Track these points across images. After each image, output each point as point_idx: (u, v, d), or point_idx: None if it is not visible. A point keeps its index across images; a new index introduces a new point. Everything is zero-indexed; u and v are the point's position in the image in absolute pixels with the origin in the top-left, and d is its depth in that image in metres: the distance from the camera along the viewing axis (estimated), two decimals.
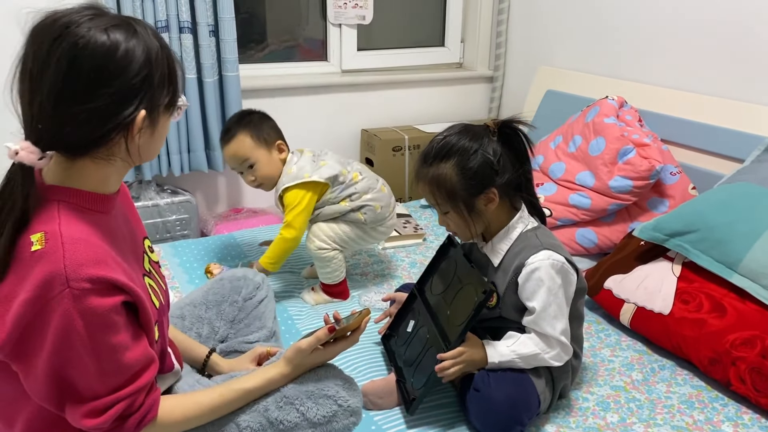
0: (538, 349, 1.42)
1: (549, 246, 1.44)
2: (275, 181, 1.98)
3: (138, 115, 0.96)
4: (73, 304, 0.91)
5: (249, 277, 1.61)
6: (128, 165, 1.06)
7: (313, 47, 3.12)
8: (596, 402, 1.57)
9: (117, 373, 0.99)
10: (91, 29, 0.93)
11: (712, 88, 2.28)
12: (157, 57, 0.98)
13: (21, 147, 0.92)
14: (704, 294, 1.70)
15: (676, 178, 2.16)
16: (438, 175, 1.42)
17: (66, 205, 0.98)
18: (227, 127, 1.98)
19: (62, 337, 0.92)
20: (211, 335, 1.55)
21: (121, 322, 0.98)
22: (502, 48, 3.24)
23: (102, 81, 0.93)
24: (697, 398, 1.59)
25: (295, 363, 1.19)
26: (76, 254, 0.92)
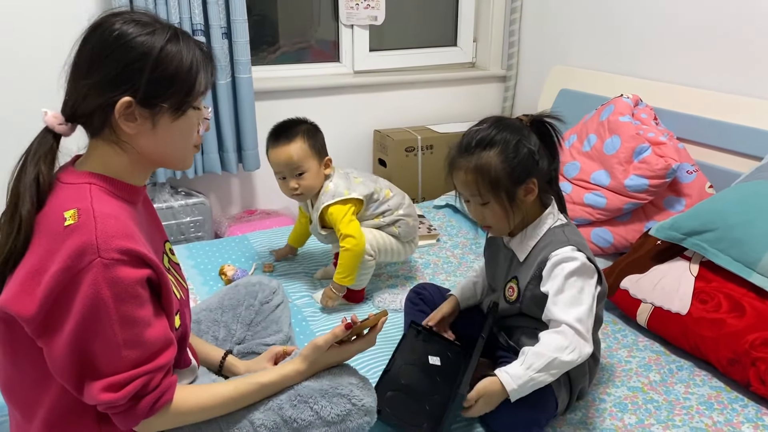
0: (552, 354, 1.33)
1: (575, 243, 1.43)
2: (314, 194, 1.99)
3: (120, 99, 1.02)
4: (103, 273, 0.95)
5: (264, 283, 1.62)
6: (144, 161, 1.11)
7: (325, 48, 3.12)
8: (613, 403, 1.56)
9: (138, 347, 1.01)
10: (114, 19, 1.04)
11: (729, 85, 2.25)
12: (164, 57, 1.04)
13: (51, 112, 1.06)
14: (723, 294, 1.68)
15: (693, 176, 2.14)
16: (482, 164, 1.40)
17: (97, 188, 1.05)
18: (283, 128, 1.94)
19: (89, 307, 0.95)
20: (227, 338, 1.55)
21: (145, 296, 1.02)
22: (515, 47, 3.22)
23: (99, 61, 1.02)
24: (716, 399, 1.57)
25: (311, 360, 1.19)
26: (107, 227, 0.97)
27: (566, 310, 1.37)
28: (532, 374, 1.34)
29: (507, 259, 1.55)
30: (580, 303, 1.38)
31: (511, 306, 1.52)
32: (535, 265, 1.45)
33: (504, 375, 1.35)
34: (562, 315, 1.37)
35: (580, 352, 1.35)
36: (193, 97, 1.09)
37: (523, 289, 1.48)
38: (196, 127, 1.14)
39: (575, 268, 1.39)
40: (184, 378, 1.26)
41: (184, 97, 1.07)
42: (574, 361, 1.36)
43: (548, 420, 1.44)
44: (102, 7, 2.40)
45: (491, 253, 1.64)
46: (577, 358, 1.35)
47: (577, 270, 1.39)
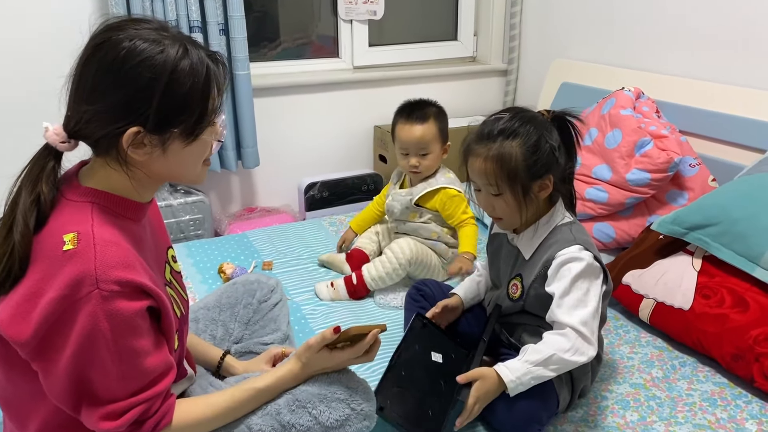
0: (552, 350, 1.33)
1: (582, 242, 1.41)
2: (429, 173, 2.06)
3: (127, 131, 0.97)
4: (101, 306, 0.92)
5: (262, 281, 1.61)
6: (153, 180, 1.07)
7: (326, 44, 3.10)
8: (615, 400, 1.54)
9: (137, 377, 1.00)
10: (119, 36, 0.96)
11: (731, 76, 2.22)
12: (174, 82, 0.97)
13: (53, 128, 1.01)
14: (726, 288, 1.66)
15: (696, 170, 2.11)
16: (503, 153, 1.37)
17: (99, 207, 1.01)
18: (417, 107, 2.02)
19: (87, 338, 0.93)
20: (225, 337, 1.54)
21: (144, 326, 1.00)
22: (516, 41, 3.20)
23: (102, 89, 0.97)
24: (719, 395, 1.55)
25: (304, 360, 1.18)
26: (106, 256, 0.94)
27: (570, 313, 1.36)
28: (530, 367, 1.33)
29: (511, 256, 1.54)
30: (585, 305, 1.36)
31: (514, 303, 1.51)
32: (541, 264, 1.43)
33: (502, 368, 1.34)
34: (566, 318, 1.35)
35: (582, 354, 1.34)
36: (206, 119, 1.03)
37: (528, 287, 1.46)
38: (210, 145, 1.08)
39: (582, 270, 1.37)
40: (180, 386, 1.25)
41: (198, 120, 1.01)
42: (577, 361, 1.34)
43: (549, 418, 1.42)
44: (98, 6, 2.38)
45: (494, 250, 1.62)
46: (579, 359, 1.34)
47: (584, 271, 1.37)
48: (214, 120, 1.06)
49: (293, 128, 2.92)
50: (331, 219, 2.66)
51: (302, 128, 2.95)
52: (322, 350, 1.18)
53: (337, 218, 2.66)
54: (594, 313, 1.36)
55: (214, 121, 1.07)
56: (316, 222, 2.63)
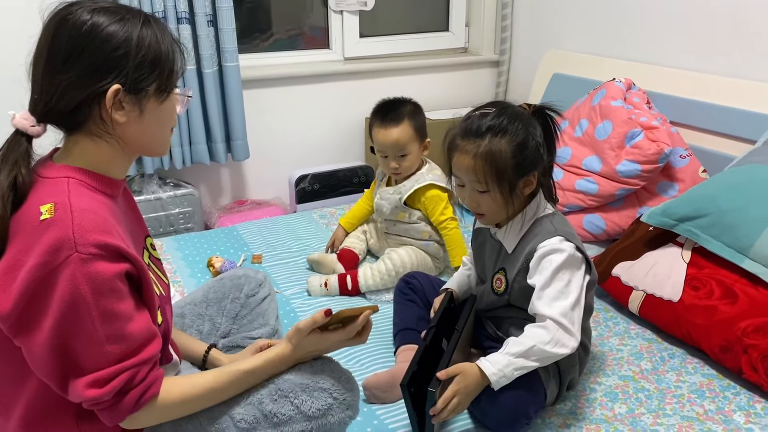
0: (532, 342, 1.32)
1: (563, 233, 1.41)
2: (409, 174, 2.03)
3: (110, 88, 0.99)
4: (80, 268, 0.93)
5: (250, 275, 1.60)
6: (127, 151, 1.09)
7: (318, 35, 3.08)
8: (604, 392, 1.54)
9: (120, 341, 0.99)
10: (80, 10, 1.00)
11: (722, 67, 2.21)
12: (143, 41, 1.02)
13: (20, 114, 1.02)
14: (715, 280, 1.65)
15: (686, 161, 2.11)
16: (492, 151, 1.36)
17: (75, 182, 1.02)
18: (390, 108, 1.99)
19: (68, 303, 0.94)
20: (212, 331, 1.53)
21: (125, 290, 1.00)
22: (508, 32, 3.18)
23: (77, 54, 0.99)
24: (708, 387, 1.55)
25: (293, 343, 1.17)
26: (84, 221, 0.95)
27: (550, 304, 1.35)
28: (512, 359, 1.32)
29: (494, 251, 1.53)
30: (565, 296, 1.36)
31: (499, 297, 1.50)
32: (523, 257, 1.42)
33: (483, 362, 1.33)
34: (545, 309, 1.35)
35: (564, 345, 1.34)
36: (174, 76, 1.08)
37: (511, 280, 1.45)
38: (175, 107, 1.13)
39: (563, 261, 1.36)
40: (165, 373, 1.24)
41: (168, 77, 1.06)
42: (558, 353, 1.34)
43: (537, 411, 1.42)
44: None
45: (478, 245, 1.61)
46: (561, 351, 1.34)
47: (565, 262, 1.37)
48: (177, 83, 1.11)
49: (283, 120, 2.90)
50: (322, 211, 2.64)
51: (292, 120, 2.93)
52: (312, 333, 1.16)
53: (328, 211, 2.65)
54: (574, 304, 1.36)
55: (177, 85, 1.11)
56: (307, 215, 2.62)
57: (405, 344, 1.65)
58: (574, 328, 1.35)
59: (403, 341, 1.66)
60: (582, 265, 1.41)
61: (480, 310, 1.60)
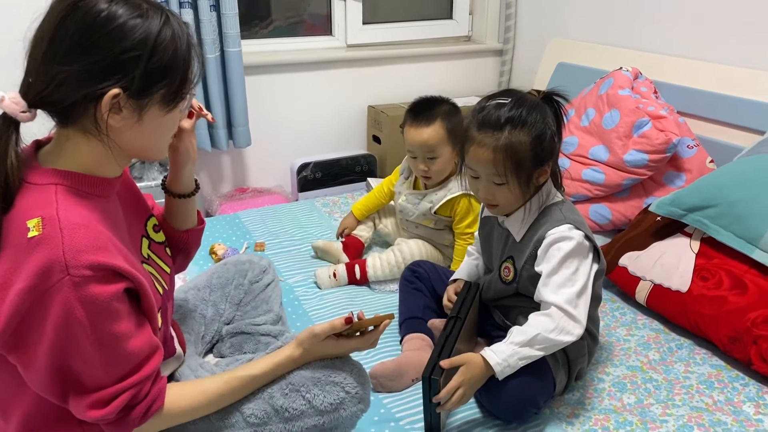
0: (537, 330, 1.31)
1: (572, 221, 1.39)
2: (441, 179, 1.94)
3: (109, 91, 0.91)
4: (74, 293, 0.87)
5: (254, 261, 1.58)
6: (123, 153, 1.01)
7: (318, 23, 3.04)
8: (612, 383, 1.53)
9: (121, 362, 0.96)
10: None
11: (731, 56, 2.19)
12: (160, 45, 0.94)
13: (9, 96, 0.91)
14: (724, 271, 1.64)
15: (693, 151, 2.09)
16: (512, 143, 1.32)
17: (63, 188, 0.95)
18: (423, 107, 1.89)
19: (63, 328, 0.89)
20: (215, 317, 1.52)
21: (123, 309, 0.95)
22: (512, 20, 3.15)
23: (84, 46, 0.90)
24: (716, 378, 1.54)
25: (306, 347, 1.14)
26: (75, 240, 0.88)
27: (556, 291, 1.34)
28: (516, 348, 1.31)
29: (502, 239, 1.51)
30: (572, 283, 1.34)
31: (507, 286, 1.48)
32: (531, 245, 1.41)
33: (488, 352, 1.32)
34: (551, 296, 1.34)
35: (568, 333, 1.32)
36: (186, 86, 1.00)
37: (520, 269, 1.44)
38: (180, 116, 1.05)
39: (571, 249, 1.35)
40: (168, 367, 1.23)
41: (178, 87, 0.98)
42: (563, 341, 1.32)
43: (546, 400, 1.41)
44: None
45: (485, 234, 1.59)
46: (565, 338, 1.32)
47: (573, 250, 1.35)
48: (192, 91, 1.03)
49: (285, 107, 2.87)
50: (324, 200, 2.62)
51: (295, 107, 2.90)
52: (327, 338, 1.14)
53: (330, 199, 2.63)
54: (581, 291, 1.34)
55: (190, 93, 1.03)
56: (309, 203, 2.60)
57: (411, 333, 1.63)
58: (579, 315, 1.33)
59: (409, 330, 1.64)
60: (590, 253, 1.39)
61: (488, 299, 1.58)
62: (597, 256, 1.42)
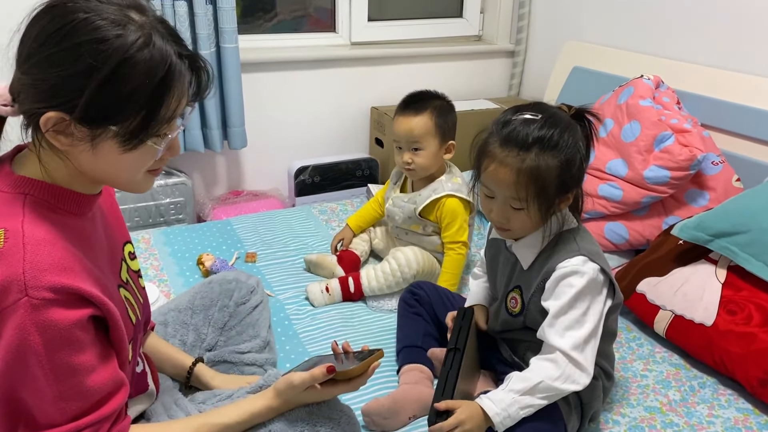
0: (539, 377, 1.20)
1: (587, 252, 1.25)
2: (427, 174, 1.88)
3: (45, 114, 0.81)
4: (31, 316, 0.79)
5: (241, 280, 1.46)
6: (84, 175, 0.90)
7: (323, 17, 2.90)
8: (628, 427, 1.39)
9: (78, 398, 0.85)
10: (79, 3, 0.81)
11: (759, 66, 2.04)
12: (119, 75, 0.80)
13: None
14: (754, 304, 1.50)
15: (719, 168, 1.94)
16: (539, 167, 1.18)
17: (33, 200, 0.86)
18: (416, 98, 1.85)
19: (14, 354, 0.79)
20: (197, 343, 1.40)
21: (86, 339, 0.85)
22: (525, 20, 3.00)
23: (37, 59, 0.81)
24: (744, 424, 1.41)
25: (285, 398, 1.04)
26: (38, 258, 0.81)
27: (563, 334, 1.22)
28: (516, 396, 1.20)
29: (508, 265, 1.38)
30: (581, 326, 1.22)
31: (514, 319, 1.36)
32: (540, 276, 1.28)
33: (485, 401, 1.21)
34: (557, 340, 1.22)
35: (574, 382, 1.21)
36: (152, 127, 0.86)
37: (528, 301, 1.31)
38: (155, 154, 0.90)
39: (583, 286, 1.22)
40: (138, 404, 1.11)
41: (140, 126, 0.84)
42: (568, 389, 1.21)
43: None
44: None
45: (491, 256, 1.46)
46: (571, 387, 1.21)
47: (585, 287, 1.22)
48: (166, 131, 0.88)
49: (284, 107, 2.73)
50: (322, 206, 2.48)
51: (294, 107, 2.76)
52: (310, 387, 1.03)
53: (328, 206, 2.49)
54: (590, 335, 1.22)
55: (165, 132, 0.89)
56: (306, 209, 2.46)
57: (409, 363, 1.50)
58: (586, 362, 1.21)
59: (407, 360, 1.51)
60: (604, 289, 1.26)
61: (494, 331, 1.45)
62: (612, 291, 1.29)
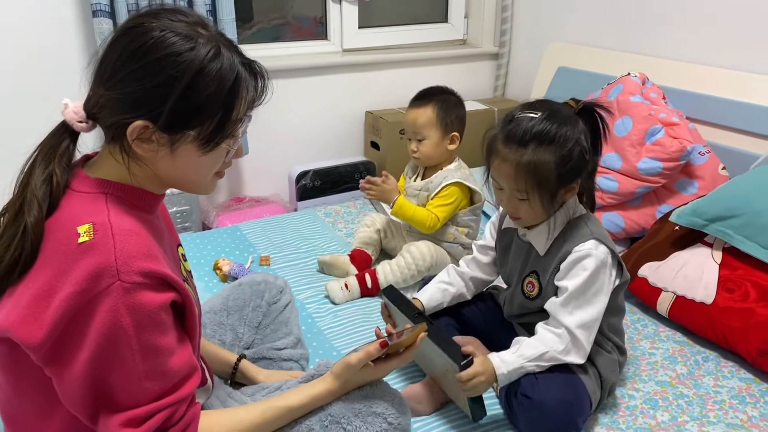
0: (545, 347, 1.31)
1: (598, 236, 1.36)
2: (432, 163, 2.00)
3: (133, 123, 0.90)
4: (123, 299, 0.85)
5: (270, 281, 1.52)
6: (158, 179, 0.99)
7: (305, 25, 2.96)
8: (643, 400, 1.50)
9: (160, 378, 0.91)
10: (150, 20, 0.91)
11: (739, 61, 2.18)
12: (197, 83, 0.90)
13: (72, 105, 0.94)
14: (750, 282, 1.62)
15: (705, 158, 2.07)
16: (536, 161, 1.28)
17: (114, 198, 0.94)
18: (425, 93, 1.99)
19: (107, 336, 0.86)
20: (235, 342, 1.46)
21: (169, 322, 0.92)
22: (509, 23, 3.11)
23: (122, 75, 0.90)
24: (747, 392, 1.52)
25: (344, 379, 1.11)
26: (127, 246, 0.87)
27: (572, 312, 1.33)
28: (524, 362, 1.31)
29: (522, 252, 1.47)
30: (589, 305, 1.34)
31: (531, 302, 1.45)
32: (557, 259, 1.37)
33: (496, 359, 1.32)
34: (566, 317, 1.33)
35: (575, 355, 1.33)
36: (226, 128, 0.95)
37: (545, 284, 1.40)
38: (224, 156, 1.00)
39: (595, 267, 1.33)
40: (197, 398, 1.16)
41: (216, 129, 0.94)
42: (568, 361, 1.33)
43: (585, 421, 1.37)
44: None
45: (503, 247, 1.55)
46: (571, 359, 1.34)
47: (597, 269, 1.33)
48: (236, 132, 0.98)
49: (282, 114, 2.80)
50: (327, 209, 2.55)
51: (291, 114, 2.83)
52: (365, 366, 1.10)
53: (332, 208, 2.56)
54: (597, 315, 1.34)
55: (235, 134, 0.98)
56: (311, 212, 2.53)
57: None
58: (586, 342, 1.34)
59: None
60: (613, 270, 1.38)
61: (511, 316, 1.54)
62: (620, 270, 1.40)
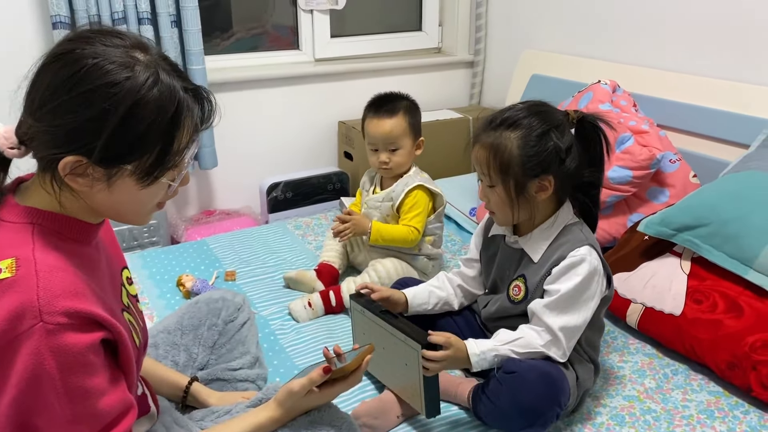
0: (522, 334, 1.34)
1: (592, 242, 1.37)
2: (401, 172, 1.96)
3: (64, 159, 0.84)
4: (46, 341, 0.80)
5: (227, 299, 1.48)
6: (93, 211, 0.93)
7: (283, 34, 2.94)
8: (610, 416, 1.46)
9: (91, 420, 0.87)
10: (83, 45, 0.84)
11: (711, 68, 2.16)
12: (133, 115, 0.83)
13: (3, 129, 0.88)
14: (718, 293, 1.59)
15: (676, 165, 2.05)
16: (498, 143, 1.31)
17: (42, 229, 0.88)
18: (386, 100, 1.93)
19: (30, 379, 0.81)
20: (188, 363, 1.41)
21: (98, 362, 0.87)
22: (483, 31, 3.09)
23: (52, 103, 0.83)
24: (716, 406, 1.49)
25: (287, 406, 1.07)
26: (51, 284, 0.82)
27: (558, 315, 1.32)
28: (497, 344, 1.34)
29: (512, 259, 1.46)
30: (576, 311, 1.33)
31: (515, 305, 1.44)
32: (549, 264, 1.36)
33: (470, 342, 1.34)
34: (550, 318, 1.32)
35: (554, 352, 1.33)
36: (168, 161, 0.89)
37: (533, 288, 1.39)
38: (166, 188, 0.94)
39: (588, 273, 1.32)
40: (141, 426, 1.12)
41: (156, 161, 0.88)
42: (545, 353, 1.33)
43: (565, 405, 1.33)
44: None
45: (488, 255, 1.54)
46: (551, 354, 1.33)
47: (591, 275, 1.33)
48: (179, 162, 0.92)
49: (252, 125, 2.76)
50: (296, 222, 2.51)
51: (262, 125, 2.79)
52: (309, 392, 1.06)
53: (303, 221, 2.52)
54: (581, 324, 1.34)
55: (178, 165, 0.92)
56: (281, 225, 2.48)
57: None
58: (566, 346, 1.33)
59: None
60: (603, 280, 1.37)
61: (489, 318, 1.53)
62: (608, 283, 1.40)
